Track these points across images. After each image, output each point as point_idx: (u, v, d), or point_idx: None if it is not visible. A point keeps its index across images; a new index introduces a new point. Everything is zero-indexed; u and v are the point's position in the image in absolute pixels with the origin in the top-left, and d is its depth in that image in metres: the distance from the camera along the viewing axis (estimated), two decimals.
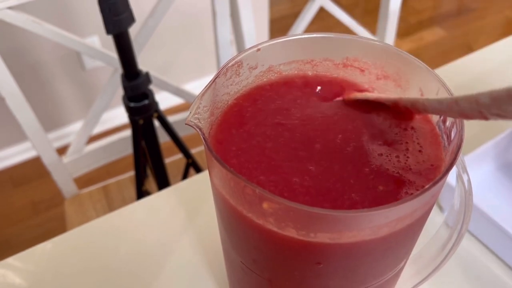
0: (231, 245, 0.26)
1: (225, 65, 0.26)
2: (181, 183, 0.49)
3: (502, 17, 2.03)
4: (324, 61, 0.29)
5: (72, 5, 1.25)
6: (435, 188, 0.20)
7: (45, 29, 0.64)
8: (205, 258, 0.41)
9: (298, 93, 0.28)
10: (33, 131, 0.68)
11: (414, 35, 1.94)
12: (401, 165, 0.23)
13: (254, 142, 0.25)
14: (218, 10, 0.72)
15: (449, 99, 0.20)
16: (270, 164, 0.24)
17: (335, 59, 0.28)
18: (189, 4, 1.35)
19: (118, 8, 0.50)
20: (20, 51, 1.26)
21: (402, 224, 0.21)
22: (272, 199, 0.20)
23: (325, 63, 0.29)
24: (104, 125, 1.49)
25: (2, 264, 0.41)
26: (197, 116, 0.24)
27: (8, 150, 1.44)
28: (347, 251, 0.22)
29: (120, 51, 0.57)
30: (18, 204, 1.37)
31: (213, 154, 0.21)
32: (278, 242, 0.22)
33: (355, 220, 0.20)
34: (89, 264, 0.41)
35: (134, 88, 0.60)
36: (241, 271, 0.27)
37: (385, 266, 0.24)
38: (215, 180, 0.23)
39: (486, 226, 0.39)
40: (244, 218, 0.22)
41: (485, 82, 0.58)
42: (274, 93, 0.28)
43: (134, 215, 0.45)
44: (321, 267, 0.22)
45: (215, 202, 0.26)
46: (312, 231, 0.20)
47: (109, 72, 1.42)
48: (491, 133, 0.49)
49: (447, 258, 0.31)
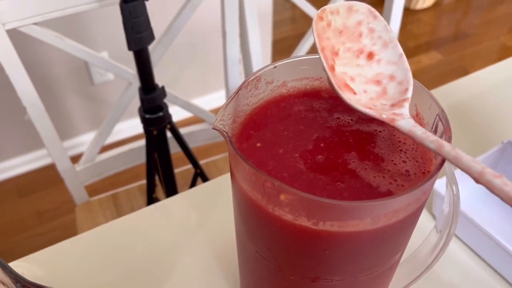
0: (247, 236, 0.30)
1: (247, 79, 0.30)
2: (192, 190, 0.52)
3: (498, 43, 2.10)
4: None
5: (83, 21, 1.30)
6: (425, 186, 0.24)
7: (66, 44, 0.69)
8: (216, 258, 0.44)
9: (308, 104, 0.32)
10: (50, 139, 0.72)
11: (412, 59, 2.00)
12: (398, 170, 0.27)
13: (270, 144, 0.29)
14: (228, 30, 0.77)
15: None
16: (284, 162, 0.28)
17: None
18: (197, 23, 1.40)
19: (140, 26, 0.55)
20: (31, 64, 1.30)
21: (397, 217, 0.25)
22: (288, 190, 0.23)
23: None
24: (114, 137, 1.53)
25: (14, 264, 0.44)
26: (222, 122, 0.28)
27: (14, 160, 1.48)
28: (350, 239, 0.25)
29: (140, 66, 0.61)
30: (23, 214, 1.39)
31: (238, 152, 0.25)
32: (292, 231, 0.25)
33: (357, 209, 0.23)
34: (101, 265, 0.44)
35: (151, 101, 0.65)
36: (254, 260, 0.31)
37: (382, 256, 0.28)
38: (238, 176, 0.27)
39: (474, 233, 0.43)
40: (262, 210, 0.26)
41: (479, 104, 0.62)
42: (286, 104, 0.32)
43: (148, 218, 0.49)
44: (327, 254, 0.26)
45: (235, 198, 0.30)
46: (321, 219, 0.24)
47: (117, 87, 1.47)
48: (482, 147, 0.53)
49: (437, 259, 0.34)
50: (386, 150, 0.29)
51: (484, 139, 0.57)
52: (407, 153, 0.29)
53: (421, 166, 0.28)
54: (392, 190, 0.26)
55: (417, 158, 0.28)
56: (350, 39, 0.29)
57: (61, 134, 1.49)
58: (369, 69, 0.29)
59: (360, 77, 0.29)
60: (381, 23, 0.29)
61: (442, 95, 0.63)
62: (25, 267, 0.44)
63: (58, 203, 1.40)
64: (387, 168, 0.27)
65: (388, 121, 0.26)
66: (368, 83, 0.29)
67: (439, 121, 0.28)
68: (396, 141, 0.30)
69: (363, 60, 0.29)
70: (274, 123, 0.31)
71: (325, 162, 0.28)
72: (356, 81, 0.28)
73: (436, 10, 2.33)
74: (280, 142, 0.29)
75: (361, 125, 0.30)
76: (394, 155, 0.28)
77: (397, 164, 0.28)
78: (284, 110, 0.32)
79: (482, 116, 0.60)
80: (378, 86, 0.28)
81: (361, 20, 0.29)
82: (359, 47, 0.29)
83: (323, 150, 0.29)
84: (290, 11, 2.25)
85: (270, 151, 0.29)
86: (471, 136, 0.57)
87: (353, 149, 0.29)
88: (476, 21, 2.26)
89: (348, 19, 0.29)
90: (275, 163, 0.28)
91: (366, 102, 0.28)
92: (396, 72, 0.28)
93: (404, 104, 0.27)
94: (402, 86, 0.28)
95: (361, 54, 0.29)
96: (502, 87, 0.65)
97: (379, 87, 0.28)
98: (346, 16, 0.29)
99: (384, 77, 0.28)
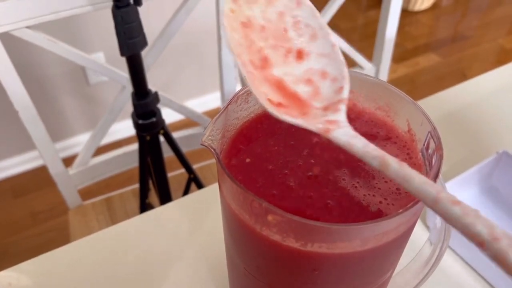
0: (236, 253, 0.29)
1: (237, 94, 0.29)
2: (184, 198, 0.52)
3: (496, 45, 2.10)
4: None
5: (79, 22, 1.29)
6: (415, 208, 0.23)
7: (59, 47, 0.68)
8: (208, 269, 0.44)
9: None
10: (42, 143, 0.72)
11: (410, 60, 2.00)
12: (389, 188, 0.27)
13: (260, 159, 0.28)
14: (223, 35, 0.76)
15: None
16: (274, 179, 0.27)
17: None
18: (193, 24, 1.39)
19: (132, 32, 0.54)
20: (26, 64, 1.29)
21: (387, 238, 0.25)
22: (276, 211, 0.23)
23: None
24: (108, 138, 1.52)
25: (3, 274, 0.43)
26: (211, 138, 0.27)
27: (9, 160, 1.47)
28: (340, 260, 0.25)
29: (132, 72, 0.60)
30: (17, 214, 1.39)
31: (226, 171, 0.25)
32: (280, 251, 0.25)
33: (346, 232, 0.23)
34: (93, 274, 0.43)
35: (144, 106, 0.64)
36: (244, 277, 0.30)
37: (372, 276, 0.28)
38: (226, 193, 0.27)
39: (467, 245, 0.43)
40: (250, 228, 0.25)
41: (477, 111, 0.62)
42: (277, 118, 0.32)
43: (139, 226, 0.48)
44: (316, 274, 0.26)
45: (223, 213, 0.29)
46: (309, 241, 0.24)
47: (112, 87, 1.46)
48: (477, 158, 0.52)
49: (430, 272, 0.34)
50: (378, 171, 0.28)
51: (480, 148, 0.56)
52: None
53: None
54: (382, 210, 0.26)
55: None
56: (274, 35, 0.24)
57: (57, 134, 1.49)
58: (298, 66, 0.24)
59: (288, 76, 0.23)
60: (307, 9, 0.24)
61: (438, 102, 0.63)
62: (14, 277, 0.43)
63: (53, 204, 1.40)
64: (377, 186, 0.27)
65: (322, 132, 0.21)
66: (297, 83, 0.23)
67: (430, 138, 0.27)
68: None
69: (292, 58, 0.24)
70: (265, 138, 0.30)
71: (315, 179, 0.27)
72: (285, 81, 0.23)
73: (435, 12, 2.33)
74: (270, 158, 0.29)
75: None
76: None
77: (388, 182, 0.27)
78: (275, 124, 0.31)
79: (478, 124, 0.59)
80: (309, 85, 0.23)
81: (283, 10, 0.24)
82: (287, 45, 0.24)
83: (313, 166, 0.28)
84: None
85: (260, 167, 0.28)
86: (467, 145, 0.57)
87: (344, 166, 0.28)
88: (475, 23, 2.26)
89: (267, 8, 0.24)
90: (264, 180, 0.27)
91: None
92: (328, 67, 0.23)
93: (339, 106, 0.22)
94: (336, 83, 0.23)
95: (289, 53, 0.24)
96: (499, 94, 0.65)
97: (310, 87, 0.23)
98: (266, 4, 0.23)
99: (314, 73, 0.23)
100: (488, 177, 0.51)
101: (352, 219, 0.25)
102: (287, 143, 0.30)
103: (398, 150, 0.30)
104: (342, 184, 0.27)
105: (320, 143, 0.30)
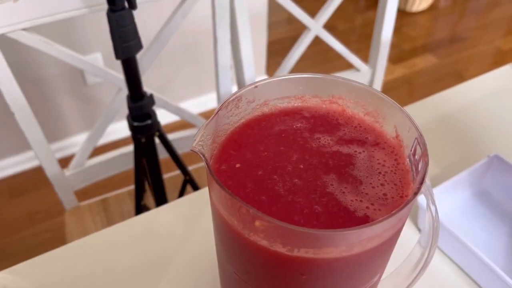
0: (226, 257, 0.30)
1: (227, 99, 0.30)
2: (180, 200, 0.52)
3: (493, 46, 2.11)
4: (313, 98, 0.33)
5: (76, 23, 1.30)
6: (400, 214, 0.24)
7: (55, 49, 0.69)
8: (201, 271, 0.44)
9: (289, 124, 0.32)
10: (38, 145, 0.72)
11: (407, 61, 2.00)
12: (376, 193, 0.27)
13: (249, 165, 0.29)
14: (219, 37, 0.76)
15: None
16: (263, 184, 0.27)
17: (322, 96, 0.32)
18: (190, 25, 1.40)
19: (127, 35, 0.54)
20: (24, 64, 1.30)
21: (373, 244, 0.25)
22: (263, 217, 0.23)
23: (314, 99, 0.33)
24: (105, 138, 1.53)
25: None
26: (201, 143, 0.28)
27: (6, 160, 1.47)
28: (326, 265, 0.25)
29: (127, 75, 0.61)
30: (14, 215, 1.39)
31: (214, 177, 0.25)
32: (268, 256, 0.25)
33: (331, 238, 0.23)
34: (88, 276, 0.44)
35: (139, 109, 0.65)
36: (234, 281, 0.31)
37: (359, 280, 0.28)
38: (214, 199, 0.27)
39: (456, 247, 0.43)
40: (238, 234, 0.26)
41: (469, 115, 0.62)
42: (268, 123, 0.32)
43: (134, 228, 0.48)
44: (304, 278, 0.26)
45: (213, 219, 0.30)
46: (296, 246, 0.24)
47: (110, 88, 1.46)
48: (469, 162, 0.53)
49: (420, 274, 0.34)
50: (364, 173, 0.29)
51: (472, 151, 0.57)
52: (385, 176, 0.29)
53: (399, 190, 0.28)
54: (368, 215, 0.26)
55: (395, 181, 0.28)
56: None
57: (54, 135, 1.49)
58: None
59: None
60: None
61: (438, 103, 0.63)
62: (8, 279, 0.44)
63: (50, 204, 1.40)
64: (365, 192, 0.27)
65: None
66: None
67: (417, 144, 0.28)
68: (375, 163, 0.29)
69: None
70: (255, 143, 0.30)
71: (303, 184, 0.28)
72: None
73: (432, 13, 2.33)
74: (260, 163, 0.29)
75: (341, 146, 0.30)
76: (373, 178, 0.28)
77: (375, 187, 0.28)
78: (265, 129, 0.32)
79: (470, 128, 0.60)
80: None
81: None
82: None
83: (302, 171, 0.28)
84: (287, 12, 2.25)
85: (249, 173, 0.28)
86: (459, 148, 0.57)
87: (332, 171, 0.29)
88: (472, 25, 2.26)
89: None
90: (253, 185, 0.28)
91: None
92: None
93: None
94: None
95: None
96: (491, 98, 0.65)
97: None
98: None
99: None
100: (479, 180, 0.51)
101: (339, 224, 0.26)
102: (276, 148, 0.30)
103: (386, 156, 0.30)
104: (330, 189, 0.27)
105: (309, 149, 0.30)
